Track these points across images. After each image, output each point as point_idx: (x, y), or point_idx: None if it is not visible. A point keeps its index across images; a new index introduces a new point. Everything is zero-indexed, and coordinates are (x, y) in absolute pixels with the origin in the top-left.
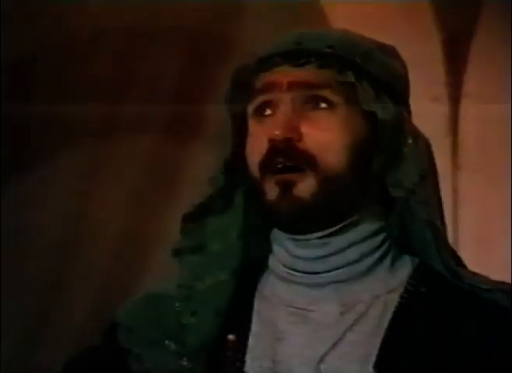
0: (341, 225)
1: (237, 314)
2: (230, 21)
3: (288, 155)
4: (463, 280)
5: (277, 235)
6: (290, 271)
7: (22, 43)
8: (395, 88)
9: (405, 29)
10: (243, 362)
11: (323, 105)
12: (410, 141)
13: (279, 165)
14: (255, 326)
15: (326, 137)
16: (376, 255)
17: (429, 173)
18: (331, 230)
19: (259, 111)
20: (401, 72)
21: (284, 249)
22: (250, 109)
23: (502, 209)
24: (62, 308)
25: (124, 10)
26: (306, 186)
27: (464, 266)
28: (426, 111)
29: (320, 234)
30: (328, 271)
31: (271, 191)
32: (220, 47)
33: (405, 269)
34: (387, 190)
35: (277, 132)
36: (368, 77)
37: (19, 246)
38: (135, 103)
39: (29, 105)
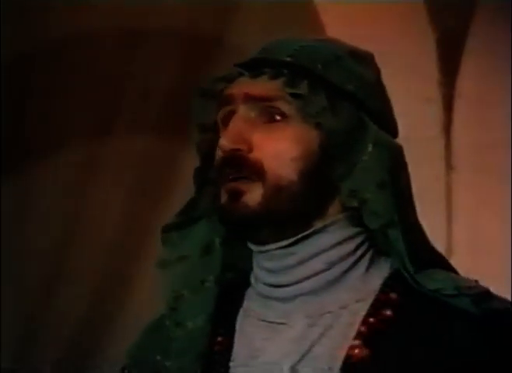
0: (303, 234)
1: (222, 331)
2: (225, 21)
3: (236, 166)
4: (426, 286)
5: (253, 249)
6: (262, 285)
7: (22, 43)
8: (358, 95)
9: (400, 28)
10: None
11: (277, 117)
12: (370, 149)
13: (230, 176)
14: (236, 345)
15: (277, 149)
16: (348, 262)
17: (392, 183)
18: (293, 239)
19: (224, 122)
20: (372, 80)
21: (256, 263)
22: (218, 120)
23: (497, 209)
24: (59, 308)
25: (123, 10)
26: (253, 195)
27: (447, 267)
28: (420, 111)
29: (282, 243)
30: (295, 283)
31: (223, 197)
32: (217, 47)
33: (380, 275)
34: None
35: (225, 143)
36: (327, 84)
37: (18, 246)
38: (133, 103)
39: (29, 105)
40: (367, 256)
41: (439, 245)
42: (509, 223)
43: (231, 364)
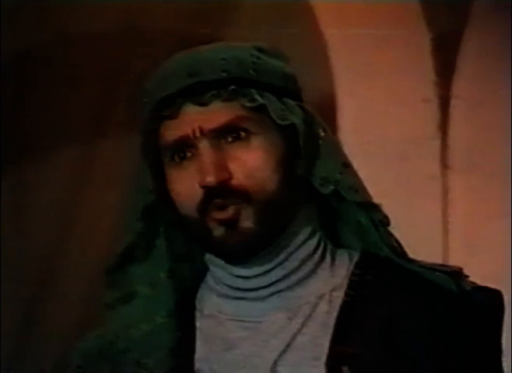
0: (279, 240)
1: (179, 338)
2: (223, 21)
3: (225, 196)
4: (407, 258)
5: (213, 258)
6: (233, 290)
7: (22, 43)
8: (290, 88)
9: (395, 28)
10: None
11: (241, 134)
12: (322, 133)
13: (219, 206)
14: (200, 348)
15: (253, 166)
16: (317, 256)
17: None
18: (271, 248)
19: (175, 157)
20: (286, 70)
21: (223, 270)
22: (165, 156)
23: (493, 209)
24: (59, 308)
25: (123, 9)
26: (248, 215)
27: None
28: (416, 111)
29: (261, 254)
30: (270, 284)
31: (217, 229)
32: None
33: (345, 263)
34: (312, 189)
35: (209, 179)
36: (267, 87)
37: (18, 245)
38: (133, 103)
39: (28, 104)
40: (329, 249)
41: (436, 245)
42: (507, 222)
43: (197, 363)
